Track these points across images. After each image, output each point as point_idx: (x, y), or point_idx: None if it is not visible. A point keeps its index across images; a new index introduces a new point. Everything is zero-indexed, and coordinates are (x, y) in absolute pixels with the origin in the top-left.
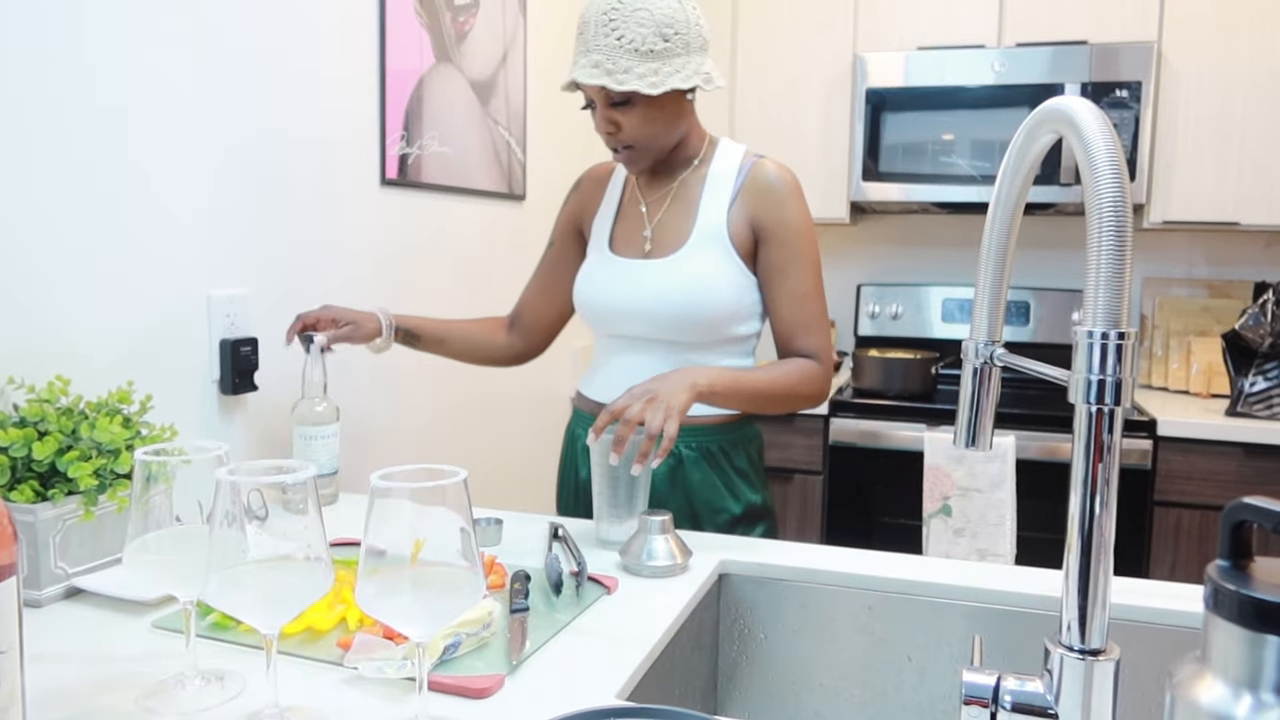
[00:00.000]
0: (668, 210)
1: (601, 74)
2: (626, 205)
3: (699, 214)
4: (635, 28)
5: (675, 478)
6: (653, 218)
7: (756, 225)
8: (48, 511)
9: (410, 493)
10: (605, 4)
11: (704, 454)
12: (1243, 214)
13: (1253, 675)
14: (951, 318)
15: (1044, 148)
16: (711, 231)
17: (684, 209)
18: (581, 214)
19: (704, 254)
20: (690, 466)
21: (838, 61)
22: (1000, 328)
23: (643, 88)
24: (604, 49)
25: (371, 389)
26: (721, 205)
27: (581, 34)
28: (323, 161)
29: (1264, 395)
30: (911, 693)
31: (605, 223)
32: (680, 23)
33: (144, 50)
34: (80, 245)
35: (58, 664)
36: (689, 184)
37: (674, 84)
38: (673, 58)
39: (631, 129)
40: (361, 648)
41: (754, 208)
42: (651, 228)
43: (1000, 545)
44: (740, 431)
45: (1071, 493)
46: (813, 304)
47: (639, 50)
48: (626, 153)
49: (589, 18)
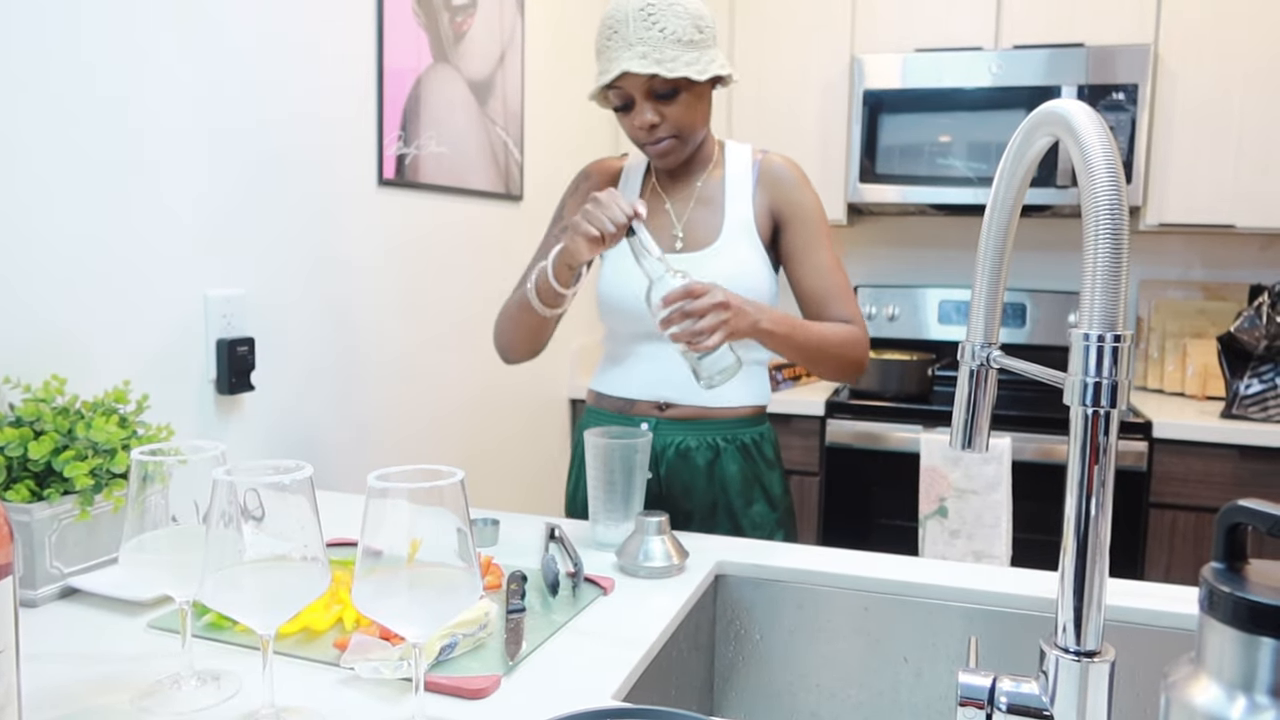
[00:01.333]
0: (694, 209)
1: (652, 63)
2: (650, 203)
3: (726, 210)
4: (674, 19)
5: (713, 472)
6: (680, 216)
7: (776, 212)
8: (43, 511)
9: (407, 493)
10: (639, 0)
11: (739, 447)
12: (1239, 216)
13: (1247, 677)
14: (948, 319)
15: (1041, 150)
16: (741, 226)
17: (711, 207)
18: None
19: (738, 247)
20: (727, 459)
21: (835, 63)
22: (997, 330)
23: (692, 74)
24: (648, 41)
25: (370, 389)
26: (746, 201)
27: (617, 32)
28: (320, 161)
29: (1259, 398)
30: (908, 694)
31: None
32: (707, 16)
33: (142, 50)
34: (77, 245)
35: (53, 664)
36: (710, 183)
37: (714, 70)
38: (707, 48)
39: (675, 119)
40: (358, 648)
41: (771, 197)
42: (681, 226)
43: (996, 547)
44: (764, 424)
45: (1067, 494)
46: (839, 275)
47: (681, 40)
48: (669, 143)
49: (623, 15)
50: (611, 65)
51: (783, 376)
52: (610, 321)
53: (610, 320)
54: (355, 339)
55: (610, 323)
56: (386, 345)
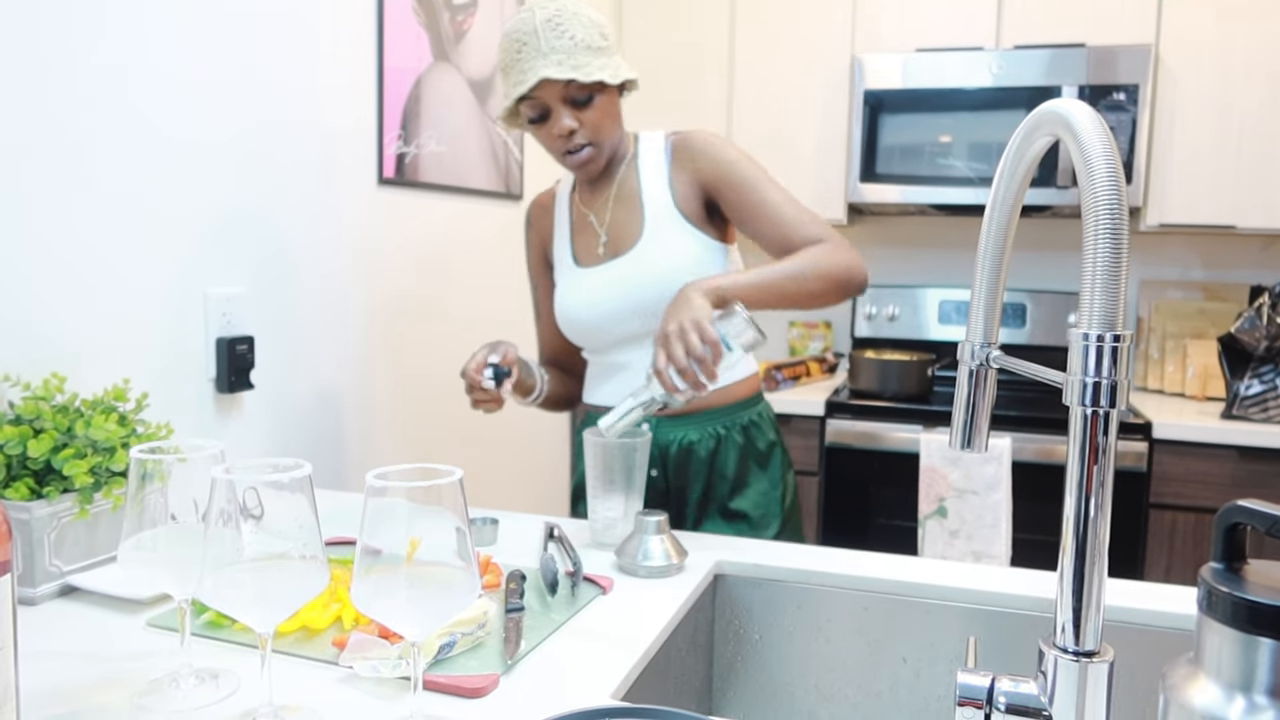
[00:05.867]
0: (614, 210)
1: (569, 69)
2: (578, 220)
3: (644, 202)
4: (581, 28)
5: (714, 461)
6: (603, 222)
7: (702, 183)
8: (43, 509)
9: (406, 492)
10: (544, 12)
11: (740, 429)
12: (1239, 217)
13: (1246, 677)
14: (948, 319)
15: (1041, 150)
16: (662, 212)
17: (630, 203)
18: (544, 245)
19: (663, 236)
20: (728, 446)
21: (836, 63)
22: (996, 330)
23: (605, 77)
24: (560, 49)
25: (369, 388)
26: (661, 185)
27: (526, 44)
28: (320, 160)
29: (1259, 398)
30: (907, 694)
31: (564, 242)
32: (608, 24)
33: (141, 49)
34: (77, 243)
35: (52, 662)
36: (626, 179)
37: (624, 74)
38: (612, 54)
39: (592, 126)
40: (357, 647)
41: (691, 171)
42: (605, 231)
43: (995, 547)
44: (761, 402)
45: (1067, 495)
46: (791, 207)
47: (590, 47)
48: (588, 152)
49: (529, 28)
50: (527, 75)
51: (783, 376)
52: (580, 342)
53: (580, 341)
54: (355, 338)
55: (581, 343)
56: (386, 344)
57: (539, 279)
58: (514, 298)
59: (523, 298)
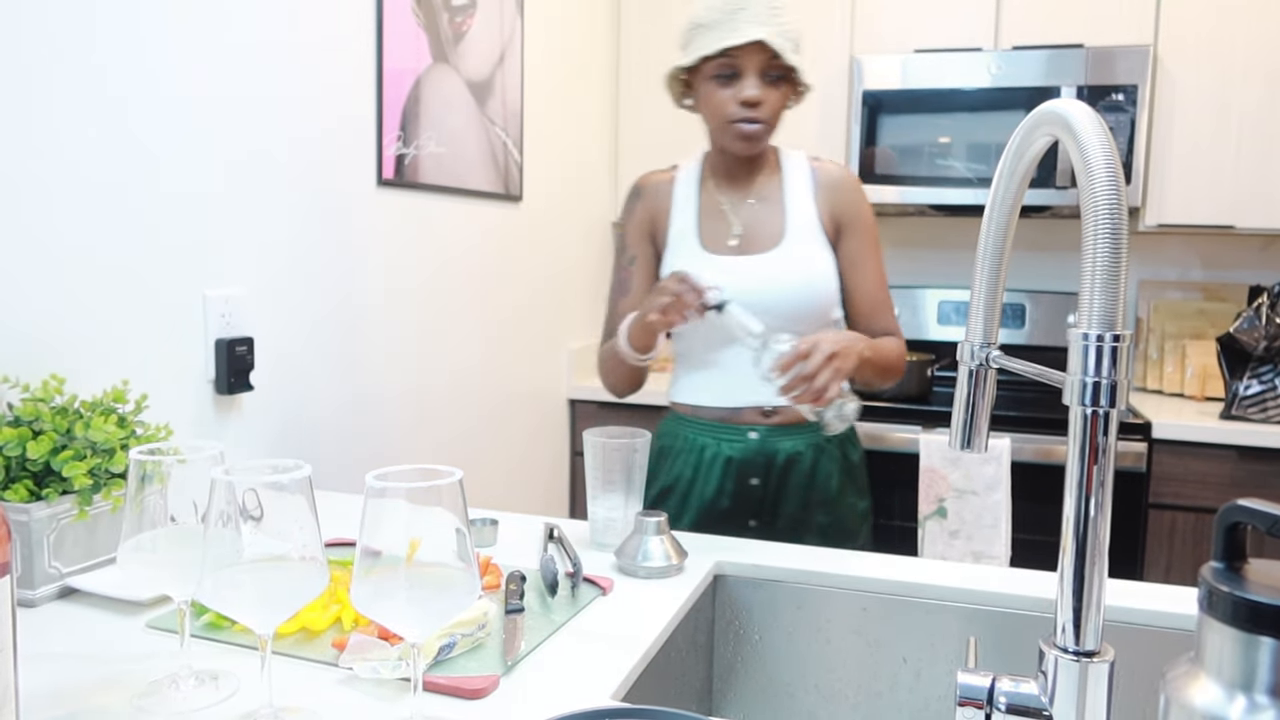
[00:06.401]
0: (753, 209)
1: (782, 41)
2: (707, 206)
3: (787, 208)
4: (791, 19)
5: (815, 474)
6: (740, 216)
7: (837, 218)
8: (42, 511)
9: (406, 493)
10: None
11: (837, 444)
12: (1238, 217)
13: (1246, 677)
14: (947, 320)
15: (1040, 150)
16: (806, 224)
17: (771, 206)
18: (654, 220)
19: (805, 245)
20: (827, 460)
21: (834, 63)
22: (996, 330)
23: (800, 69)
24: (777, 25)
25: (369, 389)
26: (807, 200)
27: (745, 9)
28: (319, 161)
29: (1258, 398)
30: (907, 694)
31: (689, 223)
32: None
33: (142, 50)
34: (76, 244)
35: (52, 663)
36: (768, 185)
37: (807, 81)
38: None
39: (770, 107)
40: (356, 648)
41: (832, 203)
42: (741, 225)
43: (995, 547)
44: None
45: (1066, 495)
46: (886, 289)
47: (796, 39)
48: (760, 128)
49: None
50: (741, 31)
51: None
52: (686, 329)
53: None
54: (354, 339)
55: (686, 330)
56: (385, 346)
57: (638, 249)
58: (514, 298)
59: (523, 298)
